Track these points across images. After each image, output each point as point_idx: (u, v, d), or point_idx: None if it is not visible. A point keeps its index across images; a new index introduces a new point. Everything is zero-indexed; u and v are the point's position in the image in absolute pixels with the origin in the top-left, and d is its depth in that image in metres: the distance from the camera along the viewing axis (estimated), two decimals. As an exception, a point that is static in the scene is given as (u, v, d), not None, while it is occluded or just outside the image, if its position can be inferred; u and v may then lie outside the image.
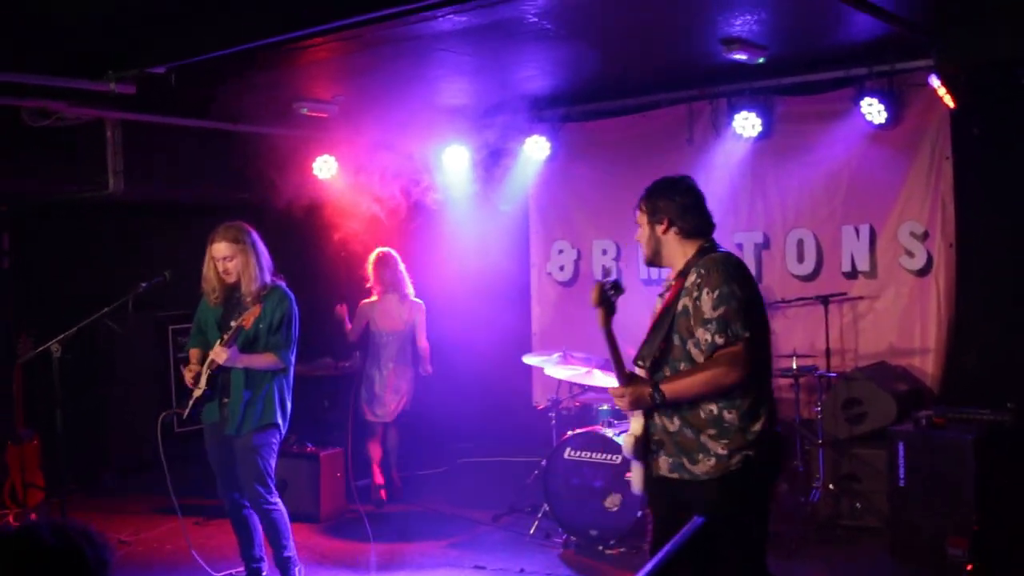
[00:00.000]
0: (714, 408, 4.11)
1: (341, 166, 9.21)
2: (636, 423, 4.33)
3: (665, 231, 4.41)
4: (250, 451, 5.91)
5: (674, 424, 4.19)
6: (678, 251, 4.40)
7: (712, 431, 4.10)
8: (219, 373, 5.92)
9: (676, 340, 4.20)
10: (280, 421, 6.03)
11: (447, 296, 8.92)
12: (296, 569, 6.17)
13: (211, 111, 8.16)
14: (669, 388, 4.15)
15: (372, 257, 8.45)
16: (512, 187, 9.41)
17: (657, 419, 4.25)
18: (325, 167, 9.19)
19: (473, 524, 7.68)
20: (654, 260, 4.52)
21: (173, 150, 8.38)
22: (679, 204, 4.42)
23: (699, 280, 4.15)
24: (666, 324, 4.24)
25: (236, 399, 5.91)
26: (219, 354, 5.80)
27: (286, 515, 6.10)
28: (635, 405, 4.24)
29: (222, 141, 8.48)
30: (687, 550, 2.16)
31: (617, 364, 4.29)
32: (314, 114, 8.23)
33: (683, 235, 4.38)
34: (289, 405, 6.13)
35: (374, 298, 8.46)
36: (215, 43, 6.42)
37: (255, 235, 6.03)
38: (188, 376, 6.03)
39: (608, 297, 4.18)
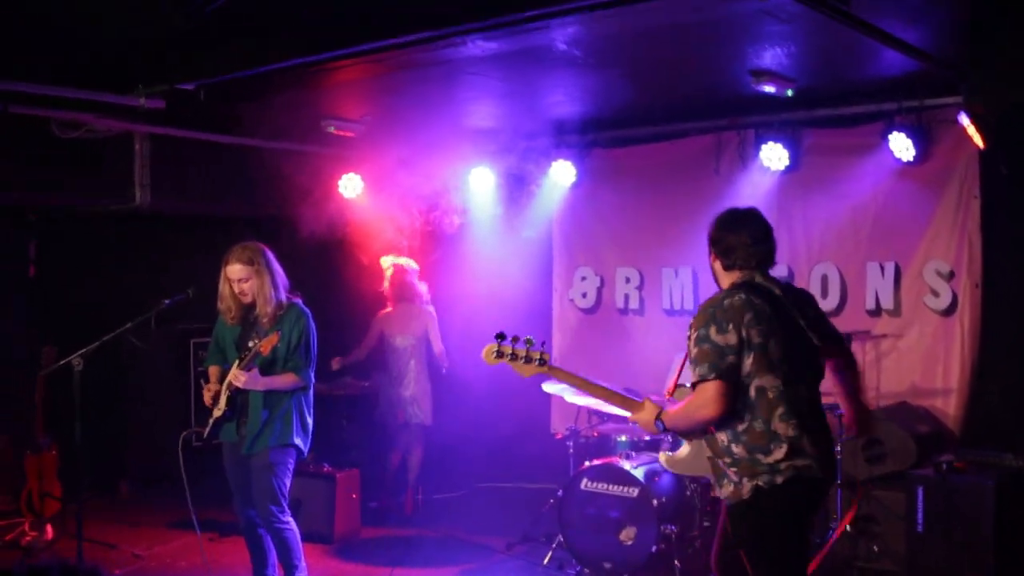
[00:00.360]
0: (724, 439, 4.36)
1: (367, 185, 9.26)
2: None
3: (713, 261, 4.67)
4: (265, 469, 5.92)
5: (707, 450, 4.48)
6: (724, 282, 4.60)
7: (727, 459, 4.35)
8: (238, 394, 5.94)
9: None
10: (299, 441, 6.03)
11: (468, 319, 8.91)
12: None
13: (239, 127, 8.21)
14: (667, 417, 4.47)
15: (388, 268, 8.61)
16: (536, 212, 9.41)
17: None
18: (351, 185, 9.24)
19: (487, 551, 7.65)
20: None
21: (200, 165, 8.43)
22: (717, 236, 4.63)
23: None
24: None
25: (255, 419, 5.92)
26: (238, 377, 5.81)
27: (298, 535, 6.11)
28: (645, 429, 4.59)
29: (249, 157, 8.53)
30: None
31: (608, 396, 4.73)
32: (341, 133, 8.28)
33: (724, 268, 4.61)
34: (310, 423, 6.14)
35: (388, 309, 8.64)
36: (245, 63, 6.48)
37: (270, 255, 6.04)
38: (207, 396, 6.04)
39: (507, 353, 4.66)
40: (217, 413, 5.96)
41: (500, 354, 4.70)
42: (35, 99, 7.08)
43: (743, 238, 4.53)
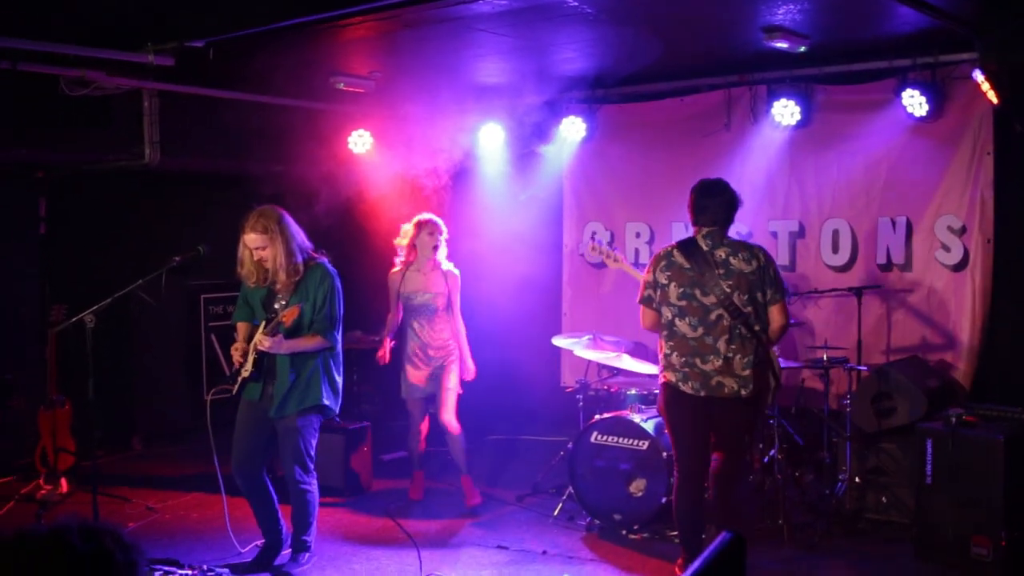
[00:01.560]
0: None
1: (376, 141, 9.30)
2: None
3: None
4: (293, 432, 6.02)
5: None
6: None
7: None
8: (264, 356, 6.00)
9: None
10: (328, 402, 6.13)
11: (478, 274, 8.98)
12: (306, 556, 6.28)
13: (248, 84, 8.24)
14: None
15: (413, 221, 7.79)
16: (546, 167, 9.46)
17: None
18: (360, 142, 9.28)
19: (498, 503, 7.78)
20: None
21: (210, 122, 8.45)
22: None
23: None
24: None
25: (282, 382, 5.99)
26: (263, 341, 5.87)
27: (317, 499, 6.23)
28: None
29: (258, 113, 8.56)
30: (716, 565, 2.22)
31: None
32: (351, 89, 8.31)
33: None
34: (339, 382, 6.24)
35: (398, 268, 7.83)
36: (254, 19, 6.51)
37: (287, 219, 6.06)
38: (236, 354, 6.09)
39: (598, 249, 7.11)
40: (244, 374, 6.03)
41: (593, 250, 7.22)
42: (44, 57, 7.11)
43: (697, 202, 5.96)
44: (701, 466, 5.97)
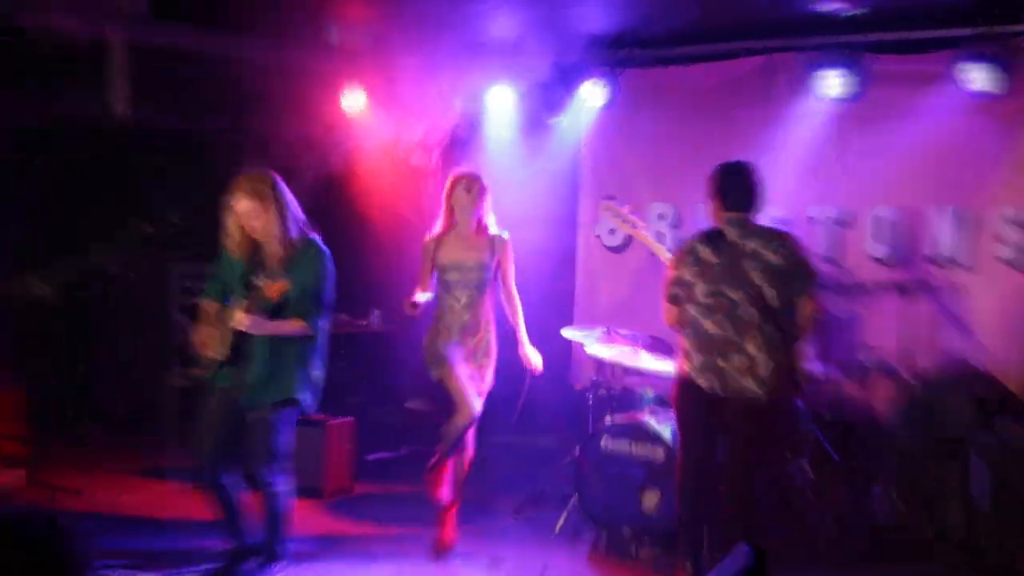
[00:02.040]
0: None
1: (372, 101, 9.23)
2: None
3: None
4: (264, 425, 5.85)
5: None
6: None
7: None
8: (241, 339, 5.84)
9: None
10: (303, 396, 5.97)
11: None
12: (278, 566, 6.12)
13: (230, 33, 8.20)
14: None
15: (450, 179, 7.01)
16: (562, 137, 9.35)
17: None
18: (354, 101, 9.27)
19: (495, 512, 7.81)
20: None
21: (186, 76, 8.35)
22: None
23: None
24: None
25: (259, 369, 5.85)
26: (240, 320, 5.71)
27: (291, 502, 6.08)
28: None
29: (240, 68, 8.53)
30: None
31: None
32: (344, 41, 8.27)
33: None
34: (319, 376, 6.07)
35: (438, 230, 6.98)
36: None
37: (282, 186, 5.90)
38: (199, 337, 5.96)
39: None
40: (215, 356, 5.89)
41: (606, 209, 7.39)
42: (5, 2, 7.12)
43: (720, 186, 6.06)
44: (708, 463, 6.05)
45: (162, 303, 9.88)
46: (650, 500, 6.86)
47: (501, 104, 9.21)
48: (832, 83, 7.84)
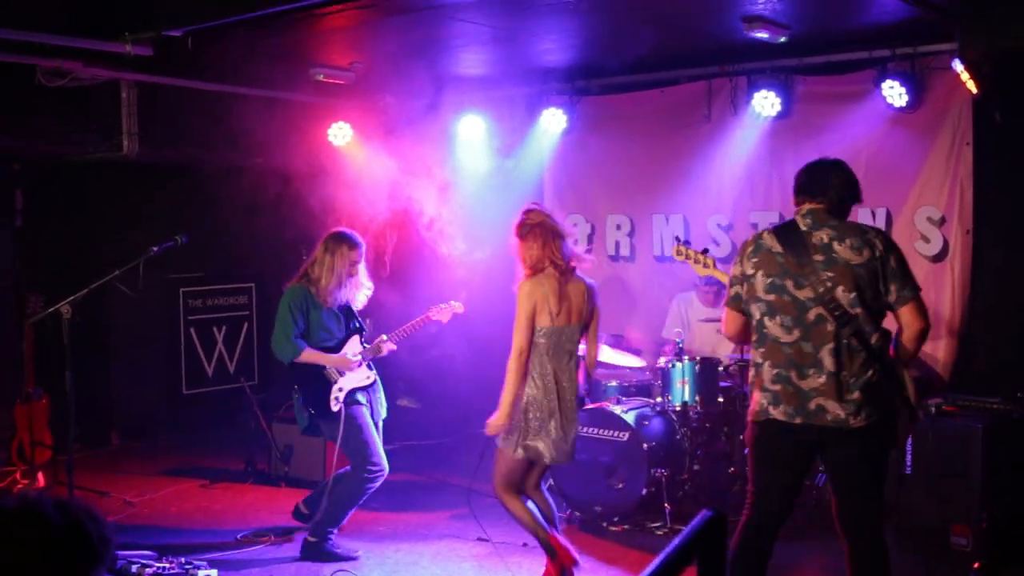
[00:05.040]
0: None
1: (356, 133, 9.24)
2: None
3: None
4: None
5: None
6: None
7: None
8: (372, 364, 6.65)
9: None
10: None
11: (457, 264, 8.95)
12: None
13: (227, 75, 8.19)
14: None
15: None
16: (526, 159, 9.41)
17: None
18: (340, 134, 9.23)
19: (478, 496, 7.74)
20: None
21: (188, 113, 8.41)
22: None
23: None
24: None
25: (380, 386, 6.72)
26: (389, 347, 6.66)
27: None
28: None
29: (237, 105, 8.51)
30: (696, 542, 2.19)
31: None
32: (331, 80, 8.27)
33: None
34: None
35: (552, 272, 5.65)
36: (232, 8, 6.46)
37: None
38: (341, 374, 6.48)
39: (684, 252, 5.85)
40: (367, 382, 6.56)
41: (679, 253, 5.83)
42: (20, 46, 7.05)
43: (802, 176, 4.95)
44: (780, 512, 4.78)
45: (173, 317, 9.77)
46: (618, 479, 6.86)
47: (473, 131, 9.19)
48: (766, 103, 7.90)
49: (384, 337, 6.63)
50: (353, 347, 6.52)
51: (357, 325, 6.62)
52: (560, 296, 5.54)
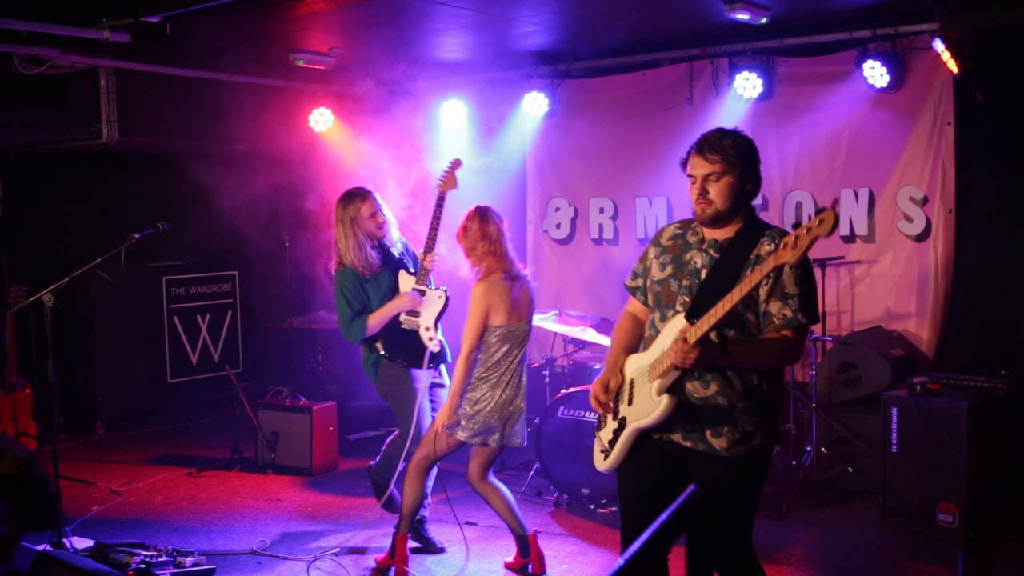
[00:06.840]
0: (755, 378, 3.89)
1: (337, 118, 9.15)
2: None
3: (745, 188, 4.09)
4: None
5: (708, 390, 3.87)
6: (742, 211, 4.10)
7: (748, 403, 3.86)
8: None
9: (739, 306, 3.74)
10: None
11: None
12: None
13: (206, 61, 8.08)
14: (736, 349, 3.77)
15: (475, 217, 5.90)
16: (509, 143, 9.34)
17: (688, 383, 3.89)
18: (321, 120, 9.13)
19: (464, 480, 7.68)
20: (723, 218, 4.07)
21: (168, 99, 8.30)
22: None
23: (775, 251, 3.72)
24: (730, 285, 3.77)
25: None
26: (431, 256, 6.15)
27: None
28: (700, 362, 3.71)
29: (217, 92, 8.41)
30: (682, 519, 2.14)
31: None
32: (311, 66, 8.19)
33: (750, 197, 4.13)
34: None
35: (499, 276, 5.66)
36: (212, -8, 6.36)
37: None
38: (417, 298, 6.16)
39: None
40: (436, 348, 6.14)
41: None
42: (-3, 33, 6.94)
43: None
44: None
45: (156, 306, 9.66)
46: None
47: (455, 115, 9.10)
48: (747, 85, 7.85)
49: (422, 252, 6.14)
50: (405, 283, 6.18)
51: (397, 259, 6.26)
52: (511, 297, 5.71)
